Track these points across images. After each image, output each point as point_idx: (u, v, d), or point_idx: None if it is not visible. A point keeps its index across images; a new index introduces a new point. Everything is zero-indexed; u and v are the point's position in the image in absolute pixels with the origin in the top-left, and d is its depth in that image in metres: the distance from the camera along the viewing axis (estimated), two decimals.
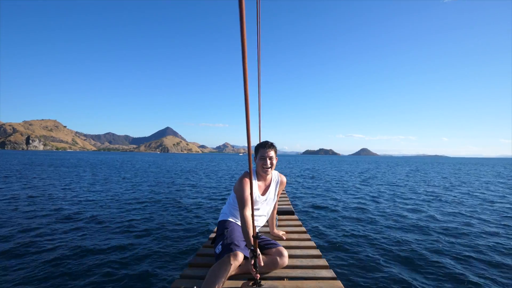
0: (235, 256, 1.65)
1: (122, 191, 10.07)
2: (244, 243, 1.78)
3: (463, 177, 19.85)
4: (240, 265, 1.77)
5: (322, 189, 11.86)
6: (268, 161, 2.02)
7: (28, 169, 19.48)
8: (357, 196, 9.90)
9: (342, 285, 1.61)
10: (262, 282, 1.65)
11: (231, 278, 1.73)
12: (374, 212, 7.06)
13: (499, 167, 40.60)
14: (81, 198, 8.41)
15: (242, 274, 1.78)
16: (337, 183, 14.49)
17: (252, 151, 2.11)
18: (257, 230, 1.68)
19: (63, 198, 8.39)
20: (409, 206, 7.96)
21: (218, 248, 1.81)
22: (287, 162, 52.26)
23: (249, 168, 1.34)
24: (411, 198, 9.54)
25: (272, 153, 2.04)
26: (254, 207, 2.05)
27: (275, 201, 2.21)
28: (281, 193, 5.09)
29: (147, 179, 14.80)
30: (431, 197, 9.85)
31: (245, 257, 1.79)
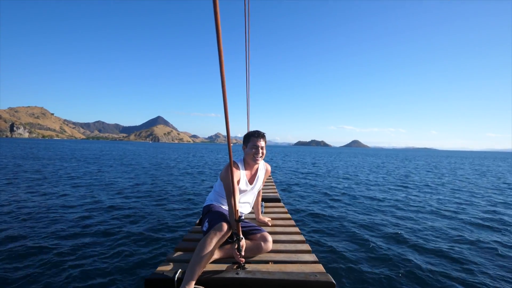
0: (221, 226, 1.70)
1: (100, 182, 9.95)
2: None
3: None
4: (224, 250, 1.82)
5: (322, 183, 12.03)
6: (260, 151, 2.07)
7: None
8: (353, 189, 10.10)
9: (323, 268, 1.67)
10: (246, 265, 1.69)
11: (216, 262, 1.76)
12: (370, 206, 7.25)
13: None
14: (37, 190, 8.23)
15: (227, 258, 1.82)
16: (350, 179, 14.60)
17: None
18: (242, 216, 1.72)
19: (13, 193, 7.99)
20: (392, 191, 8.22)
21: (205, 226, 1.88)
22: (284, 154, 44.60)
23: (229, 157, 1.39)
24: (396, 185, 9.85)
25: (263, 143, 2.10)
26: (241, 195, 2.11)
27: (260, 189, 2.30)
28: (268, 182, 5.18)
29: (125, 172, 14.63)
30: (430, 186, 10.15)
31: (229, 241, 1.84)
